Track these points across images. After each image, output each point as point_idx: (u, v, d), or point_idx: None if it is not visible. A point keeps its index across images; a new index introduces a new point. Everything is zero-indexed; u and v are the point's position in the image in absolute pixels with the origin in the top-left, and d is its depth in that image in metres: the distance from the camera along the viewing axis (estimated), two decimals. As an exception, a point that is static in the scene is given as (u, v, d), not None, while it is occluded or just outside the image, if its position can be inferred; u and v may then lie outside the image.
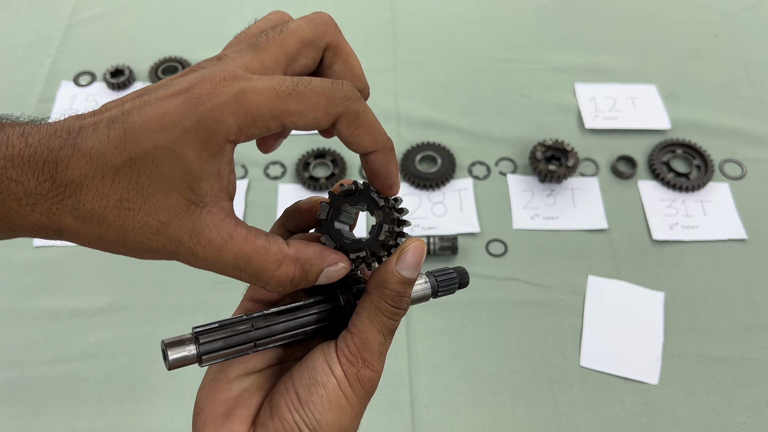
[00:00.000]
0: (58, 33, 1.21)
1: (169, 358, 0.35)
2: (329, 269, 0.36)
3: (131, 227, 0.32)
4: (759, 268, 0.91)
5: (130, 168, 0.31)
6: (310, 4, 1.26)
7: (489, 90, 1.13)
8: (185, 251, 0.33)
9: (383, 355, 0.38)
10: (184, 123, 0.31)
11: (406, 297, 0.37)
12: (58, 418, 0.79)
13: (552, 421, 0.78)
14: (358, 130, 0.35)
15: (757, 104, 1.09)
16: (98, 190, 0.31)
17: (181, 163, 0.31)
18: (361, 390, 0.37)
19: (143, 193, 0.32)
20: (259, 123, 0.32)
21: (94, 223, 0.32)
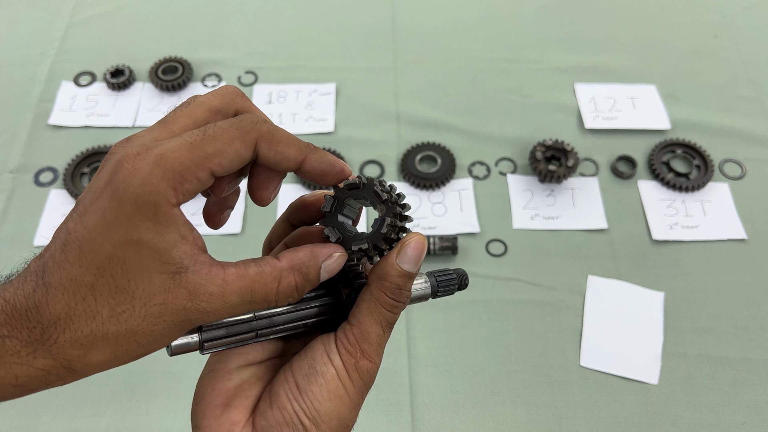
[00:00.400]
0: (58, 33, 1.21)
1: (171, 344, 0.36)
2: (326, 263, 0.37)
3: (135, 325, 0.33)
4: (759, 268, 0.91)
5: (102, 278, 0.32)
6: (310, 7, 1.27)
7: (489, 90, 1.13)
8: (194, 314, 0.34)
9: (381, 347, 0.38)
10: (126, 211, 0.32)
11: (405, 290, 0.38)
12: (58, 418, 0.79)
13: (552, 421, 0.78)
14: (279, 146, 0.36)
15: (757, 104, 1.09)
16: (87, 313, 0.32)
17: (145, 248, 0.32)
18: (359, 381, 0.37)
19: (127, 291, 0.32)
20: (188, 176, 0.33)
21: (100, 342, 0.33)
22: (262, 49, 1.19)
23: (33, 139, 1.06)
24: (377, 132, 1.07)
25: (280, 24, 1.23)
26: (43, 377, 0.32)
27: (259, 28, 1.22)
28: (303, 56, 1.18)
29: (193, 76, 1.14)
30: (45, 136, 1.06)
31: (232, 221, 0.96)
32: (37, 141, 1.06)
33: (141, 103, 1.11)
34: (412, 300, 0.41)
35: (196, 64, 1.14)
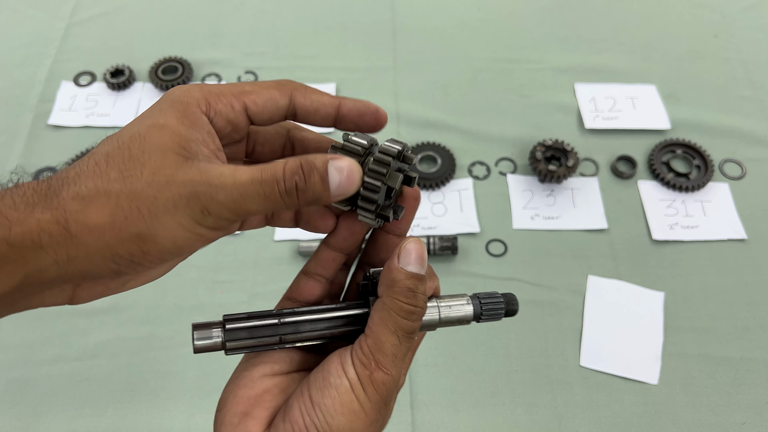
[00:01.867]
0: (58, 33, 1.21)
1: (195, 342, 0.35)
2: (335, 163, 0.35)
3: (140, 188, 0.32)
4: (759, 268, 0.91)
5: (120, 149, 0.33)
6: (310, 7, 1.27)
7: (489, 90, 1.13)
8: (203, 188, 0.33)
9: (398, 359, 0.36)
10: (159, 106, 0.35)
11: (419, 294, 0.37)
12: (58, 418, 0.79)
13: (552, 420, 0.78)
14: (315, 95, 0.39)
15: (757, 104, 1.09)
16: (95, 172, 0.32)
17: (167, 130, 0.34)
18: (375, 394, 0.35)
19: (139, 160, 0.32)
20: (223, 99, 0.36)
21: (102, 198, 0.31)
22: (262, 49, 1.19)
23: (33, 139, 1.06)
24: (377, 132, 1.06)
25: (280, 24, 1.23)
26: (36, 236, 0.30)
27: (259, 28, 1.22)
28: (303, 56, 1.18)
29: (193, 76, 1.14)
30: (45, 136, 1.06)
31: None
32: (37, 141, 1.06)
33: (141, 103, 1.11)
34: (452, 322, 0.40)
35: (196, 64, 1.14)
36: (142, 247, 0.32)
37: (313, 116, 0.39)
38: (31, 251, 0.30)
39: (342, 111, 0.39)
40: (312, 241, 0.91)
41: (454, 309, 0.40)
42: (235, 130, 0.38)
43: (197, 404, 0.80)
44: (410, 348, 0.37)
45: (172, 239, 0.33)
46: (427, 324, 0.40)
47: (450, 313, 0.40)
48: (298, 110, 0.39)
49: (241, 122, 0.37)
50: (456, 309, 0.40)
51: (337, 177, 0.34)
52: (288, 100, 0.38)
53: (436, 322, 0.40)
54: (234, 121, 0.37)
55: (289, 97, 0.38)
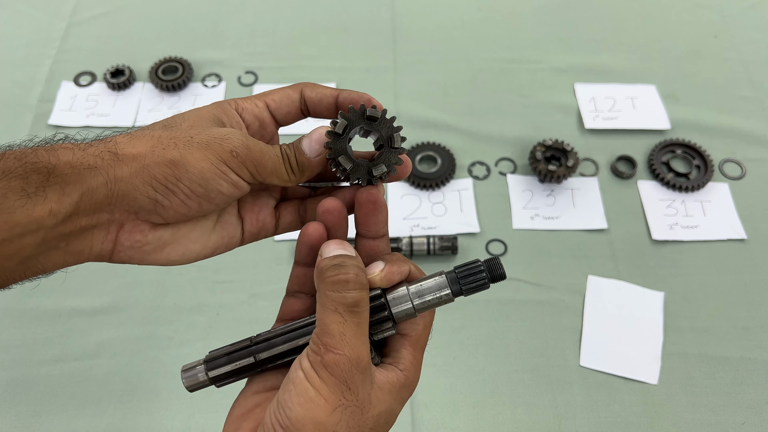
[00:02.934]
0: (58, 33, 1.21)
1: (184, 384, 0.40)
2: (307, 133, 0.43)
3: (178, 134, 0.39)
4: (758, 268, 0.91)
5: (164, 120, 0.42)
6: (310, 7, 1.27)
7: (489, 90, 1.13)
8: (235, 135, 0.40)
9: (348, 336, 0.36)
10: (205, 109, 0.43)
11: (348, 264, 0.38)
12: (58, 418, 0.79)
13: (552, 420, 0.79)
14: (319, 88, 0.46)
15: (756, 104, 1.09)
16: (145, 128, 0.40)
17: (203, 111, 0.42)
18: (330, 377, 0.35)
19: (181, 122, 0.41)
20: (248, 102, 0.44)
21: (146, 136, 0.39)
22: (262, 49, 1.19)
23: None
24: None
25: (280, 24, 1.23)
26: (92, 160, 0.37)
27: (259, 28, 1.22)
28: (303, 56, 1.18)
29: (193, 76, 1.14)
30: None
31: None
32: (37, 141, 1.05)
33: (141, 103, 1.11)
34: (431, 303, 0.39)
35: (196, 64, 1.14)
36: (175, 171, 0.38)
37: (318, 107, 0.46)
38: (87, 171, 0.37)
39: (339, 99, 0.46)
40: (312, 241, 0.91)
41: (427, 288, 0.39)
42: (262, 126, 0.45)
43: (197, 404, 0.80)
44: (359, 324, 0.37)
45: (199, 168, 0.38)
46: (403, 312, 0.39)
47: (424, 293, 0.39)
48: (307, 102, 0.46)
49: (266, 117, 0.45)
50: (428, 288, 0.39)
51: (306, 142, 0.43)
52: (299, 95, 0.45)
53: (410, 308, 0.39)
54: (259, 116, 0.44)
55: (300, 92, 0.46)
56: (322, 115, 0.46)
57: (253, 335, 0.42)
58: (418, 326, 0.41)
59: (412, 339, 0.41)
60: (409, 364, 0.41)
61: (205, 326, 0.86)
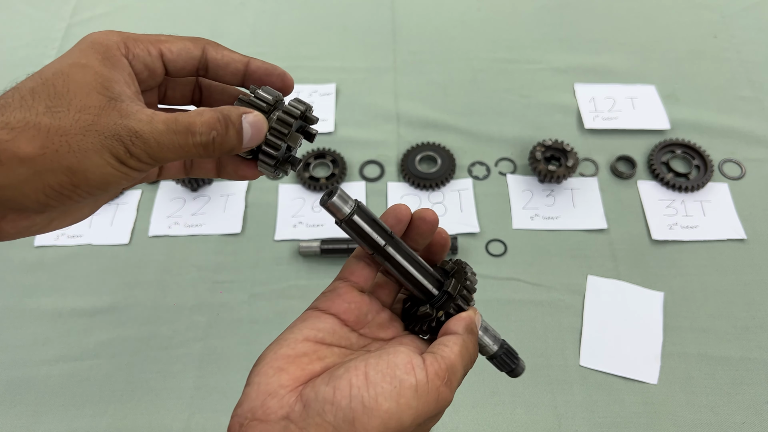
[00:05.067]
0: (58, 33, 1.21)
1: (333, 199, 0.40)
2: (247, 117, 0.38)
3: (68, 124, 0.34)
4: (758, 268, 0.91)
5: (44, 85, 0.35)
6: (310, 7, 1.27)
7: (489, 90, 1.13)
8: (124, 130, 0.35)
9: (459, 386, 0.41)
10: (79, 47, 0.37)
11: (477, 349, 0.44)
12: (58, 418, 0.79)
13: (551, 420, 0.79)
14: (225, 51, 0.42)
15: (756, 104, 1.09)
16: (22, 105, 0.34)
17: (89, 70, 0.36)
18: (436, 403, 0.38)
19: (65, 97, 0.34)
20: (140, 44, 0.39)
21: (32, 130, 0.33)
22: (262, 49, 1.19)
23: (33, 139, 1.06)
24: (377, 132, 1.07)
25: (280, 24, 1.23)
26: None
27: (259, 28, 1.22)
28: (303, 56, 1.18)
29: (193, 76, 1.14)
30: (45, 137, 1.06)
31: (232, 221, 0.96)
32: (37, 141, 1.06)
33: (141, 104, 1.11)
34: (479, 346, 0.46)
35: (196, 64, 1.14)
36: (73, 180, 0.34)
37: (223, 71, 0.42)
38: None
39: (250, 68, 0.43)
40: (312, 240, 0.91)
41: (487, 337, 0.47)
42: (152, 75, 0.40)
43: (197, 404, 0.80)
44: None
45: (100, 175, 0.35)
46: None
47: (483, 336, 0.47)
48: (210, 64, 0.42)
49: (158, 68, 0.40)
50: (488, 338, 0.47)
51: (250, 131, 0.38)
52: (201, 52, 0.41)
53: None
54: (151, 66, 0.40)
55: (202, 50, 0.41)
56: (223, 80, 0.43)
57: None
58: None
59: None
60: None
61: (205, 326, 0.86)
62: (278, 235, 0.95)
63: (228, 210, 0.98)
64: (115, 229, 0.96)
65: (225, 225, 0.96)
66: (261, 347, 0.44)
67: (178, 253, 0.93)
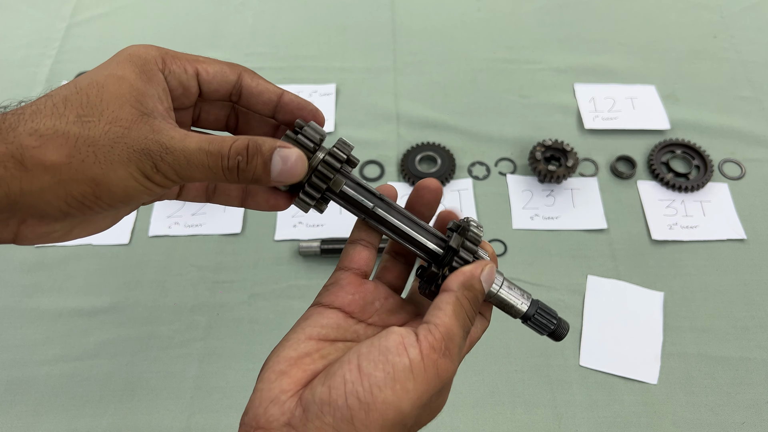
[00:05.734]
0: (58, 33, 1.22)
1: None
2: (282, 151, 0.37)
3: (97, 135, 0.34)
4: (758, 268, 0.91)
5: (78, 94, 0.35)
6: (310, 7, 1.27)
7: (489, 90, 1.13)
8: (154, 145, 0.34)
9: (461, 352, 0.39)
10: (117, 59, 0.37)
11: (478, 306, 0.41)
12: (59, 418, 0.79)
13: (551, 420, 0.79)
14: (261, 81, 0.42)
15: (756, 104, 1.09)
16: (54, 113, 0.33)
17: (125, 82, 0.36)
18: (437, 378, 0.36)
19: (98, 107, 0.34)
20: (177, 62, 0.39)
21: (60, 139, 0.33)
22: (262, 49, 1.19)
23: (33, 139, 1.06)
24: (377, 132, 1.07)
25: (280, 24, 1.23)
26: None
27: (259, 28, 1.22)
28: (303, 57, 1.18)
29: (193, 76, 1.14)
30: (45, 137, 1.06)
31: (232, 221, 0.96)
32: (37, 141, 1.06)
33: (141, 104, 1.11)
34: (503, 303, 0.44)
35: (196, 64, 1.14)
36: (96, 191, 0.34)
37: (256, 99, 0.42)
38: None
39: (283, 100, 0.42)
40: (312, 240, 0.91)
41: (513, 295, 0.43)
42: (186, 94, 0.40)
43: (197, 404, 0.80)
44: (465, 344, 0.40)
45: (123, 188, 0.34)
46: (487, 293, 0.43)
47: (507, 294, 0.43)
48: (244, 90, 0.42)
49: (192, 87, 0.40)
50: (514, 296, 0.43)
51: (280, 165, 0.37)
52: (237, 78, 0.41)
53: (492, 293, 0.44)
54: (186, 84, 0.40)
55: (238, 76, 0.42)
56: (255, 109, 0.43)
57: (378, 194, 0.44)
58: (478, 330, 0.45)
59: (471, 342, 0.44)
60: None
61: (205, 326, 0.86)
62: (278, 235, 0.95)
63: (228, 210, 0.98)
64: (115, 229, 0.96)
65: (225, 225, 0.96)
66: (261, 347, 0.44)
67: (178, 253, 0.93)
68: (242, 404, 0.38)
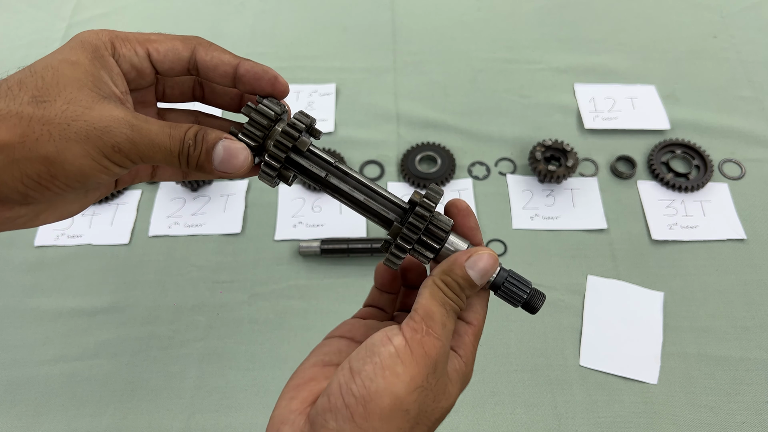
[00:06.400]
0: (58, 33, 1.21)
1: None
2: (225, 142, 0.38)
3: (53, 114, 0.33)
4: (758, 268, 0.91)
5: (32, 76, 0.34)
6: (310, 7, 1.27)
7: (489, 90, 1.13)
8: (117, 123, 0.35)
9: (447, 329, 0.38)
10: (69, 45, 0.37)
11: (465, 294, 0.40)
12: (58, 418, 0.79)
13: (551, 420, 0.79)
14: (216, 52, 0.41)
15: (756, 104, 1.09)
16: (7, 95, 0.33)
17: (80, 67, 0.36)
18: (425, 357, 0.36)
19: (54, 89, 0.34)
20: (127, 44, 0.38)
21: (13, 118, 0.33)
22: (262, 49, 1.19)
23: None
24: (377, 132, 1.07)
25: (280, 24, 1.23)
26: None
27: (259, 28, 1.22)
28: (303, 57, 1.18)
29: (193, 76, 1.14)
30: (45, 137, 1.06)
31: (232, 221, 0.96)
32: (37, 141, 1.05)
33: (141, 104, 1.11)
34: None
35: (196, 64, 1.14)
36: (51, 169, 0.34)
37: (213, 72, 0.41)
38: None
39: (239, 71, 0.41)
40: (312, 240, 0.91)
41: None
42: (140, 75, 0.40)
43: (197, 404, 0.80)
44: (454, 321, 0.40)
45: (78, 166, 0.34)
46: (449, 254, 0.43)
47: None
48: (199, 64, 0.41)
49: (146, 68, 0.40)
50: None
51: (221, 154, 0.38)
52: (190, 53, 0.40)
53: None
54: (138, 66, 0.39)
55: (192, 51, 0.40)
56: (215, 81, 0.43)
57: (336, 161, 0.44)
58: (480, 315, 0.44)
59: (476, 328, 0.43)
60: (470, 353, 0.43)
61: (205, 326, 0.86)
62: (278, 235, 0.95)
63: (228, 210, 0.98)
64: (115, 229, 0.96)
65: (225, 225, 0.96)
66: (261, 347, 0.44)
67: (178, 253, 0.93)
68: (242, 404, 0.39)
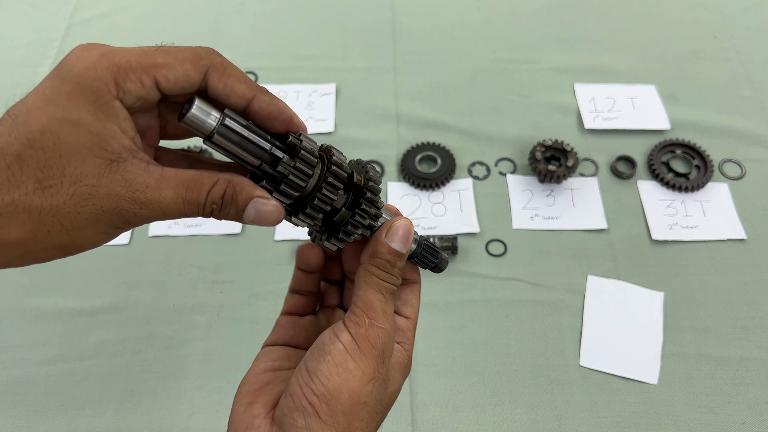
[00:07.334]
0: (58, 33, 1.21)
1: (191, 111, 0.34)
2: (259, 201, 0.36)
3: (62, 202, 0.31)
4: (758, 268, 0.91)
5: (31, 149, 0.31)
6: (310, 7, 1.27)
7: (489, 90, 1.13)
8: (126, 203, 0.33)
9: (388, 314, 0.40)
10: (65, 90, 0.32)
11: (396, 267, 0.41)
12: (58, 418, 0.79)
13: (551, 420, 0.79)
14: (230, 80, 0.36)
15: (756, 104, 1.09)
16: (10, 181, 0.30)
17: (83, 128, 0.31)
18: (372, 349, 0.38)
19: (57, 166, 0.31)
20: (132, 76, 0.33)
21: (22, 214, 0.30)
22: (262, 49, 1.19)
23: (33, 139, 1.06)
24: (377, 132, 1.07)
25: (280, 24, 1.23)
26: None
27: (259, 28, 1.22)
28: (303, 57, 1.18)
29: (193, 76, 1.13)
30: (45, 137, 1.06)
31: (231, 221, 0.96)
32: (37, 141, 1.05)
33: (141, 104, 1.11)
34: None
35: (196, 64, 1.14)
36: (66, 252, 0.34)
37: (223, 101, 0.37)
38: None
39: (253, 106, 0.37)
40: (312, 241, 0.91)
41: None
42: (146, 104, 0.36)
43: (197, 404, 0.80)
44: (393, 304, 0.41)
45: (92, 244, 0.34)
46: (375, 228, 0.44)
47: None
48: (210, 92, 0.36)
49: (153, 97, 0.35)
50: None
51: (253, 214, 0.36)
52: (201, 78, 0.36)
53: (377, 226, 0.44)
54: (145, 97, 0.35)
55: (204, 75, 0.36)
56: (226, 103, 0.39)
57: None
58: (416, 308, 0.46)
59: (413, 321, 0.45)
60: (411, 344, 0.44)
61: (205, 326, 0.86)
62: (278, 235, 0.95)
63: (228, 210, 0.97)
64: (115, 229, 0.96)
65: (225, 225, 0.96)
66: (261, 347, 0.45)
67: (178, 253, 0.93)
68: (242, 404, 0.40)
